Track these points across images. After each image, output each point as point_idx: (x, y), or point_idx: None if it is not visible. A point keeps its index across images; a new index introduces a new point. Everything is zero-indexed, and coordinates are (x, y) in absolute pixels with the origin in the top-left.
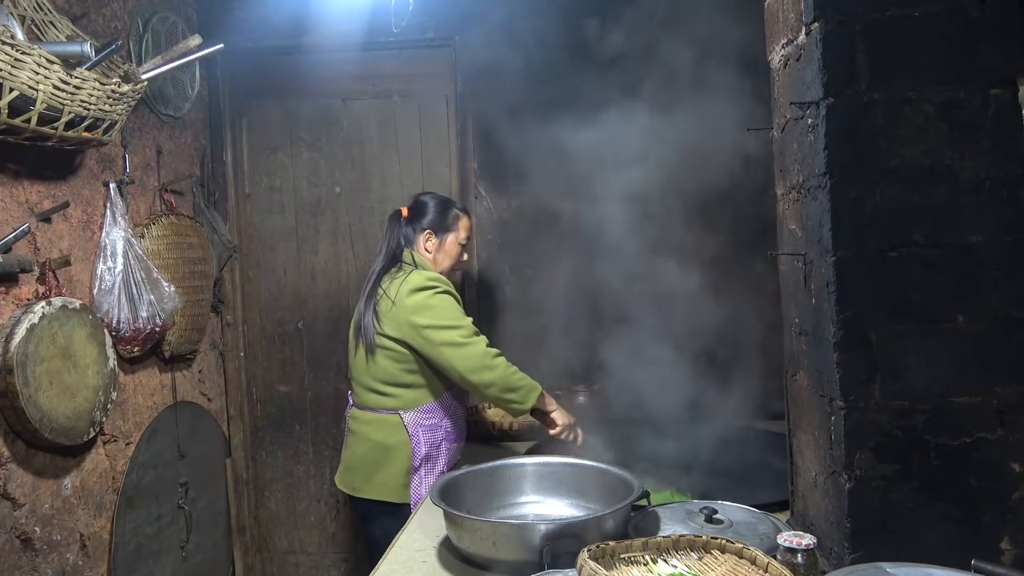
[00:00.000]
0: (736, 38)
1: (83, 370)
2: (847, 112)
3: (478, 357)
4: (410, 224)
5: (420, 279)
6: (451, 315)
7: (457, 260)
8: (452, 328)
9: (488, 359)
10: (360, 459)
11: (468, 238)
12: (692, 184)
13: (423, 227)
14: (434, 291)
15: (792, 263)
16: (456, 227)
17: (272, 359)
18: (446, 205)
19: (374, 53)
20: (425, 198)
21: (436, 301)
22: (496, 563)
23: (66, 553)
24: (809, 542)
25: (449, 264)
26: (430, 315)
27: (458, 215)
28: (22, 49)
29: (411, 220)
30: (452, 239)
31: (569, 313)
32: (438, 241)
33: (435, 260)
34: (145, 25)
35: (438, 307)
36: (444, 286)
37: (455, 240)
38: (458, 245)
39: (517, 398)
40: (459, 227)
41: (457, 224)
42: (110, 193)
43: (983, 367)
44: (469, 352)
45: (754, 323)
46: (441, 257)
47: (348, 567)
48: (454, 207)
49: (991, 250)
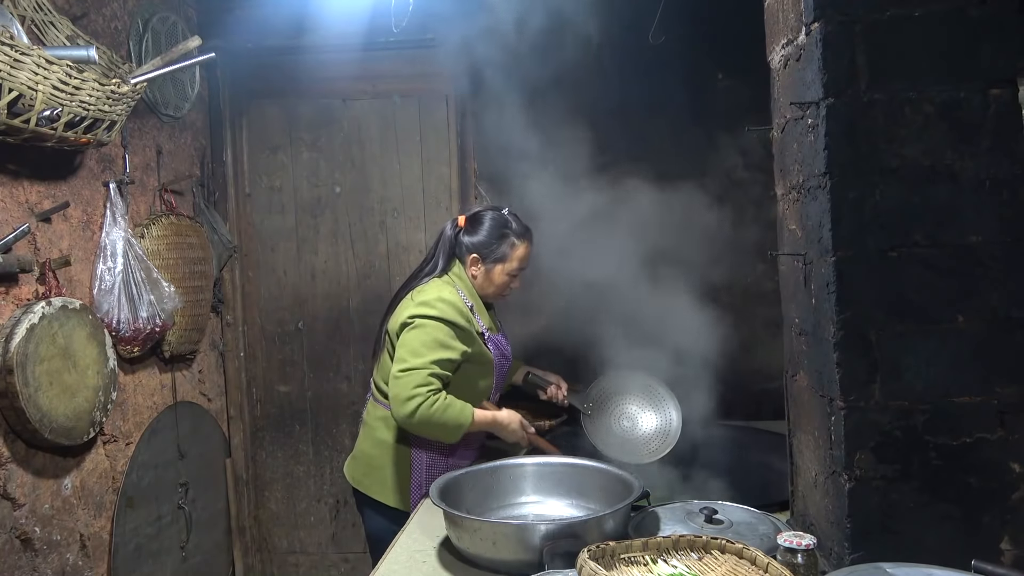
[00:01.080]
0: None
1: (83, 370)
2: (847, 112)
3: (403, 393)
4: (464, 237)
5: (432, 294)
6: (420, 342)
7: (504, 290)
8: (409, 353)
9: (408, 400)
10: (363, 453)
11: (523, 268)
12: (692, 182)
13: (471, 248)
14: (429, 312)
15: (792, 263)
16: (509, 257)
17: (272, 359)
18: (503, 231)
19: (374, 53)
20: (485, 215)
21: (421, 323)
22: (496, 563)
23: (66, 553)
24: (809, 542)
25: (494, 292)
26: (408, 331)
27: (515, 243)
28: (22, 49)
29: (466, 233)
30: (500, 270)
31: (570, 313)
32: (484, 269)
33: (480, 286)
34: (145, 25)
35: (418, 328)
36: (443, 311)
37: (503, 271)
38: (507, 276)
39: (444, 435)
40: (512, 257)
41: (511, 254)
42: (110, 193)
43: (983, 367)
44: (398, 385)
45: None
46: (486, 284)
47: (348, 567)
48: (512, 233)
49: (991, 250)
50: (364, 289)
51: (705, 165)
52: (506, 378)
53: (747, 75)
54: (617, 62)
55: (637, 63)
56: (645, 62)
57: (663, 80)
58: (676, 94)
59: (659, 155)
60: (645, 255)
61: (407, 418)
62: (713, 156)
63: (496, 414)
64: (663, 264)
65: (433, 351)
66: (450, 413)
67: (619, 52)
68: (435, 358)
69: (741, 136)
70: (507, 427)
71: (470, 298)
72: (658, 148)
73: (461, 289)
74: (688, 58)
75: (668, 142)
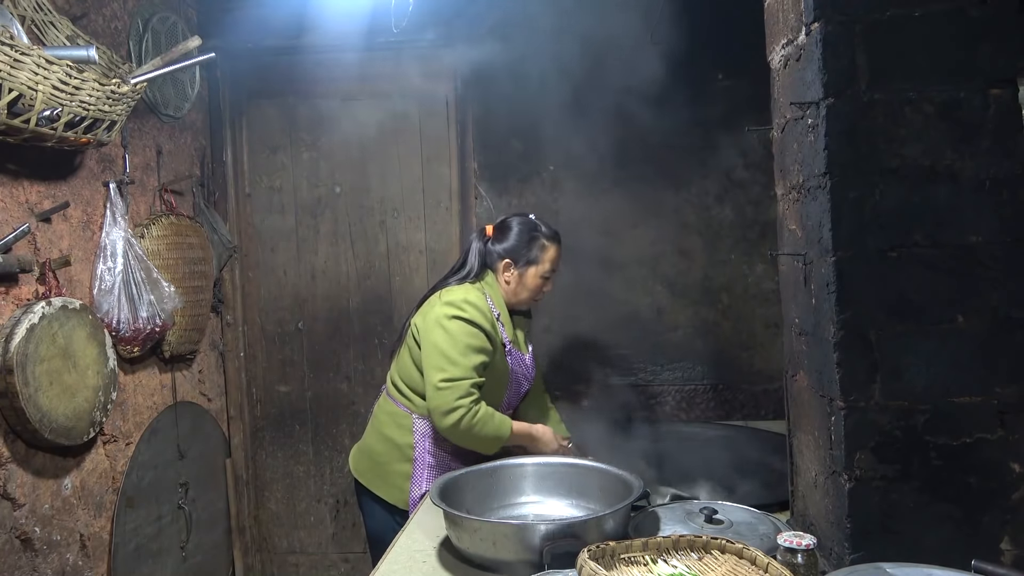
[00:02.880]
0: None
1: (83, 370)
2: (847, 112)
3: (446, 404)
4: (494, 246)
5: (459, 295)
6: (455, 348)
7: (538, 293)
8: (445, 360)
9: (451, 412)
10: (369, 446)
11: (554, 270)
12: (692, 182)
13: (502, 254)
14: (457, 314)
15: (792, 263)
16: (541, 259)
17: (272, 359)
18: (533, 234)
19: (374, 53)
20: (512, 221)
21: (453, 327)
22: (496, 563)
23: (66, 553)
24: (809, 542)
25: (528, 297)
26: (439, 335)
27: (545, 246)
28: (22, 49)
29: (494, 242)
30: (534, 272)
31: (570, 313)
32: (518, 273)
33: (513, 292)
34: (145, 25)
35: (450, 333)
36: (471, 313)
37: (537, 273)
38: (540, 278)
39: (482, 447)
40: (544, 259)
41: (542, 256)
42: (110, 193)
43: (983, 367)
44: (441, 396)
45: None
46: (520, 289)
47: (348, 567)
48: (542, 235)
49: (991, 250)
50: (364, 289)
51: (705, 165)
52: (517, 404)
53: (747, 75)
54: (617, 62)
55: (637, 63)
56: (645, 62)
57: (663, 80)
58: (676, 94)
59: (659, 155)
60: (645, 255)
61: (449, 430)
62: (713, 156)
63: (532, 428)
64: (663, 264)
65: (469, 357)
66: (490, 427)
67: (619, 52)
68: (473, 364)
69: (741, 136)
70: (541, 440)
71: (497, 307)
72: (658, 148)
73: (490, 297)
74: (688, 58)
75: (668, 142)
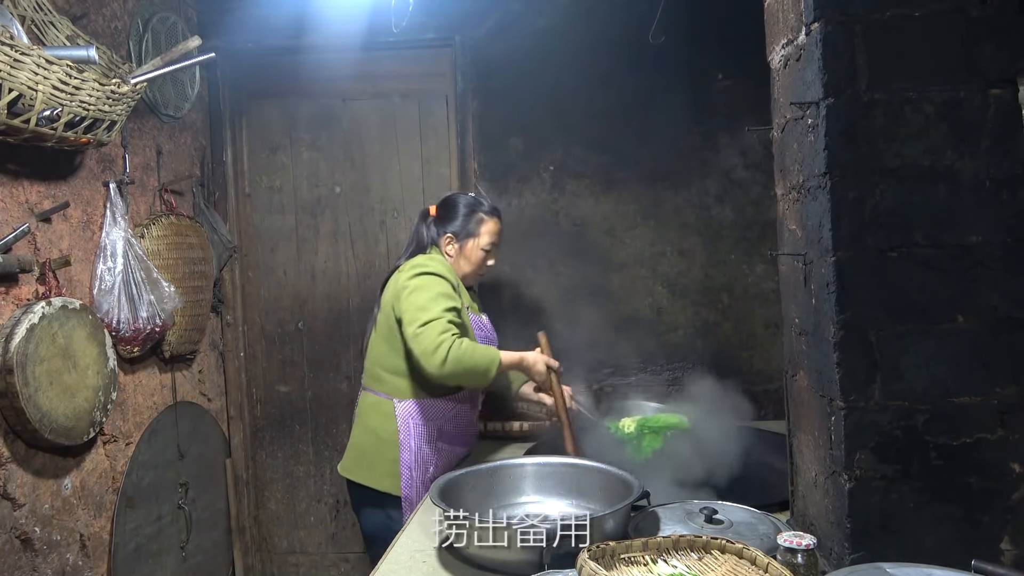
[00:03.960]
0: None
1: (83, 370)
2: (847, 112)
3: (430, 344)
4: (437, 224)
5: (420, 259)
6: (424, 298)
7: (480, 266)
8: (418, 310)
9: (437, 349)
10: (354, 443)
11: (494, 244)
12: (692, 182)
13: (445, 230)
14: (421, 271)
15: (792, 263)
16: (478, 232)
17: (272, 359)
18: (473, 208)
19: (374, 53)
20: (454, 198)
21: (418, 282)
22: (496, 563)
23: (66, 553)
24: (809, 542)
25: (471, 270)
26: (408, 293)
27: (483, 219)
28: (22, 49)
29: (437, 220)
30: (473, 244)
31: (571, 313)
32: (458, 246)
33: (456, 264)
34: (145, 25)
35: (418, 288)
36: (433, 267)
37: (476, 246)
38: (480, 251)
39: (477, 379)
40: (481, 232)
41: (480, 228)
42: (110, 193)
43: (983, 367)
44: (421, 340)
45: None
46: (462, 263)
47: (348, 567)
48: (480, 209)
49: (991, 250)
50: (364, 289)
51: (705, 165)
52: (511, 387)
53: (747, 75)
54: (617, 62)
55: (637, 63)
56: (645, 62)
57: (663, 80)
58: (676, 94)
59: (659, 155)
60: (645, 255)
61: (440, 367)
62: (713, 156)
63: (523, 354)
64: (663, 264)
65: (440, 302)
66: (479, 354)
67: (619, 52)
68: (446, 306)
69: (741, 136)
70: (534, 366)
71: (452, 278)
72: (658, 148)
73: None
74: (688, 58)
75: (668, 142)
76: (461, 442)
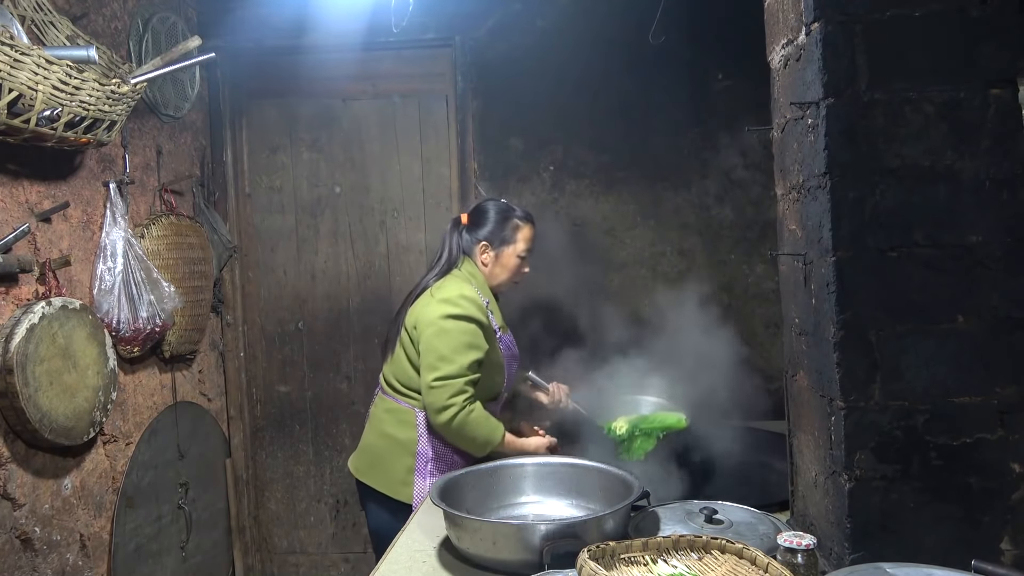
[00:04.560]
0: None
1: (83, 370)
2: (847, 112)
3: (439, 402)
4: (469, 232)
5: (454, 291)
6: (449, 347)
7: (516, 273)
8: (440, 360)
9: (444, 410)
10: (370, 445)
11: (530, 250)
12: (692, 182)
13: (479, 238)
14: (454, 312)
15: (792, 263)
16: (515, 239)
17: (272, 359)
18: (506, 214)
19: (374, 53)
20: (486, 205)
21: (449, 326)
22: (496, 563)
23: (66, 553)
24: (809, 542)
25: (507, 278)
26: (435, 335)
27: (518, 225)
28: (22, 49)
29: (470, 228)
30: (510, 252)
31: (571, 313)
32: (494, 254)
33: (492, 274)
34: (145, 25)
35: (447, 332)
36: (467, 308)
37: (513, 253)
38: (516, 258)
39: (472, 448)
40: (518, 239)
41: (516, 235)
42: (110, 193)
43: (983, 367)
44: (433, 395)
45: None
46: (498, 271)
47: (348, 567)
48: (515, 216)
49: (991, 250)
50: (364, 289)
51: (705, 165)
52: (512, 385)
53: (747, 75)
54: (617, 62)
55: (637, 63)
56: (645, 62)
57: (663, 80)
58: (676, 94)
59: (659, 155)
60: (645, 255)
61: (442, 427)
62: (713, 156)
63: (525, 443)
64: (663, 264)
65: (464, 355)
66: (482, 430)
67: (619, 52)
68: (468, 362)
69: (741, 136)
70: (535, 454)
71: (485, 295)
72: (658, 148)
73: (476, 286)
74: (688, 58)
75: (668, 142)
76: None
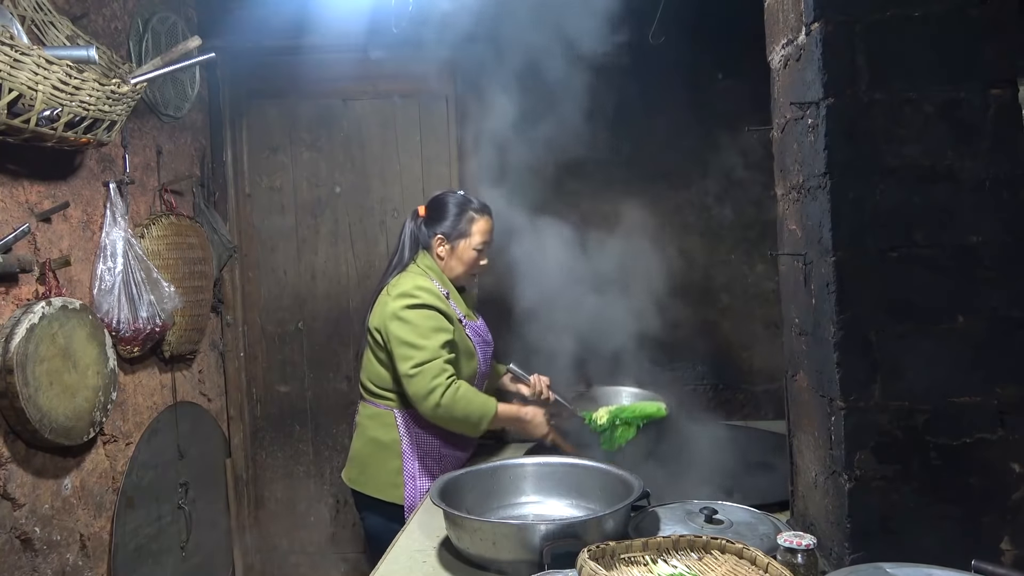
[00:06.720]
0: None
1: (83, 370)
2: (847, 112)
3: (422, 388)
4: (427, 225)
5: (409, 284)
6: (416, 333)
7: (472, 266)
8: (410, 348)
9: (429, 394)
10: (358, 453)
11: (486, 243)
12: (692, 182)
13: (435, 232)
14: (412, 302)
15: (792, 263)
16: (470, 231)
17: (272, 359)
18: (463, 206)
19: (374, 53)
20: (444, 197)
21: (410, 316)
22: (496, 563)
23: (66, 553)
24: (809, 542)
25: (463, 270)
26: (399, 327)
27: (474, 218)
28: (22, 49)
29: (427, 221)
30: (465, 245)
31: (570, 313)
32: (450, 247)
33: (448, 267)
34: (145, 25)
35: (409, 322)
36: (425, 298)
37: (469, 246)
38: (472, 251)
39: (468, 429)
40: (473, 231)
41: (471, 228)
42: (110, 193)
43: (983, 367)
44: (415, 383)
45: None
46: (454, 264)
47: (348, 567)
48: (470, 208)
49: (991, 250)
50: (364, 289)
51: (705, 165)
52: (489, 370)
53: (747, 75)
54: (617, 62)
55: (637, 63)
56: (645, 62)
57: (663, 80)
58: (676, 94)
59: (659, 155)
60: (644, 255)
61: (432, 411)
62: (713, 156)
63: (520, 409)
64: (662, 264)
65: (432, 338)
66: (474, 406)
67: (619, 52)
68: (438, 344)
69: (741, 136)
70: (531, 422)
71: (444, 286)
72: (658, 148)
73: (434, 279)
74: (688, 58)
75: (668, 142)
76: (460, 446)
